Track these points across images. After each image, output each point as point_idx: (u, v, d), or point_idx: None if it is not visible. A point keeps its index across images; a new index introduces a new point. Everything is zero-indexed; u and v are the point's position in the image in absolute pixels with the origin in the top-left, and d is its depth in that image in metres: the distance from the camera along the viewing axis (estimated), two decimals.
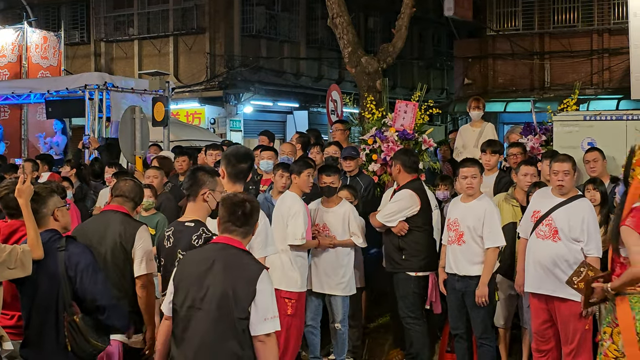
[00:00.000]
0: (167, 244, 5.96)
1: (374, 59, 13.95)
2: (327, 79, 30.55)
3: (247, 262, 5.20)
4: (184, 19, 29.27)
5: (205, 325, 5.08)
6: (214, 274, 5.12)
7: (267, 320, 5.06)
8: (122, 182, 6.76)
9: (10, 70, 21.11)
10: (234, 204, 5.24)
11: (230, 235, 5.23)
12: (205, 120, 28.88)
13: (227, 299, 5.05)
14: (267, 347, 5.08)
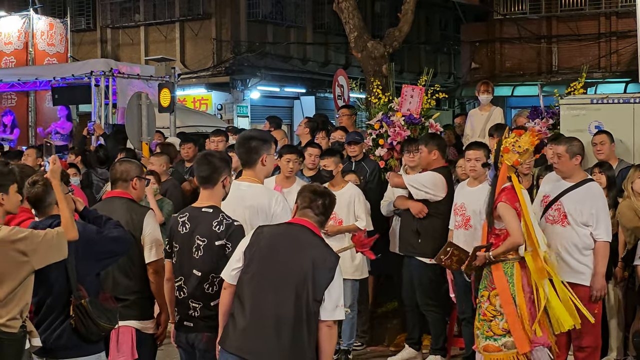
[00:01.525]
0: (183, 229, 5.91)
1: (380, 43, 13.88)
2: (334, 64, 30.47)
3: (327, 248, 5.42)
4: (190, 5, 29.23)
5: (278, 300, 5.24)
6: (294, 252, 5.33)
7: (338, 307, 5.27)
8: (118, 165, 6.67)
9: (17, 57, 21.08)
10: (316, 193, 5.49)
11: (310, 220, 5.44)
12: (212, 106, 28.87)
13: (305, 279, 5.23)
14: (332, 334, 5.30)
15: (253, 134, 6.58)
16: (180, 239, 5.92)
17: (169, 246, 6.02)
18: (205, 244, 5.79)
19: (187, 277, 5.86)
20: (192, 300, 5.85)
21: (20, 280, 5.41)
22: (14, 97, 20.90)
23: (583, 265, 7.52)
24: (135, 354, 6.37)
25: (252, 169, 6.41)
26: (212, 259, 5.77)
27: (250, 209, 6.22)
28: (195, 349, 5.91)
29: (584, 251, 7.49)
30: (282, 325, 5.24)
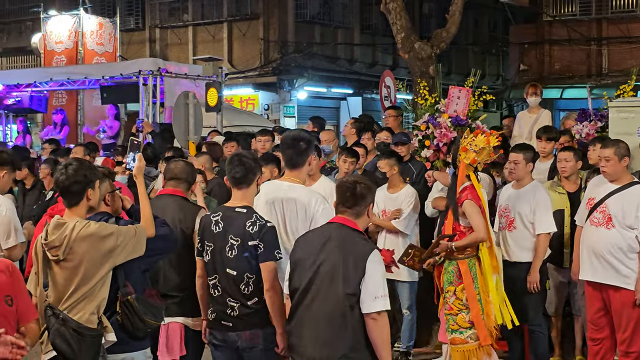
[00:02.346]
0: (216, 229, 5.96)
1: (427, 44, 13.82)
2: (381, 65, 30.42)
3: (358, 240, 5.46)
4: (238, 5, 29.35)
5: (317, 301, 5.39)
6: (327, 251, 5.42)
7: (378, 298, 5.27)
8: (172, 164, 6.81)
9: (67, 56, 21.30)
10: (344, 187, 5.58)
11: (343, 216, 5.53)
12: (259, 106, 28.96)
13: (336, 275, 5.33)
14: (379, 325, 5.29)
15: (302, 135, 6.57)
16: (214, 238, 5.99)
17: (200, 244, 6.09)
18: (239, 243, 5.86)
19: (222, 275, 5.93)
20: (230, 299, 5.91)
21: (102, 275, 5.49)
22: (64, 96, 21.13)
23: (628, 269, 7.44)
24: (184, 350, 6.44)
25: (298, 169, 6.45)
26: (245, 259, 5.84)
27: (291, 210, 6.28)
28: (236, 348, 5.94)
29: (629, 254, 7.42)
30: (323, 323, 5.36)
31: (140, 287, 5.78)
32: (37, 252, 5.57)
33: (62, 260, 5.42)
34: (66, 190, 5.52)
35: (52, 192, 10.90)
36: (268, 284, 5.80)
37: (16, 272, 5.11)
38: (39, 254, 5.54)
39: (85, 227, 5.44)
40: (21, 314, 4.99)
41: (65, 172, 5.49)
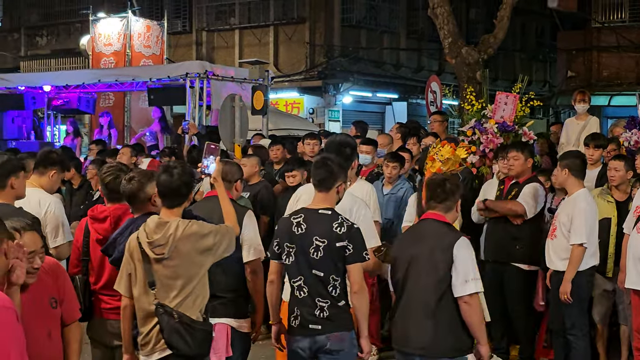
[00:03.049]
0: (298, 230, 5.91)
1: (474, 49, 13.80)
2: (427, 70, 30.36)
3: (445, 231, 5.91)
4: (284, 9, 29.41)
5: (414, 293, 5.84)
6: (420, 245, 5.89)
7: (469, 281, 5.68)
8: (222, 166, 6.80)
9: (116, 58, 21.48)
10: (435, 184, 6.02)
11: (434, 211, 5.97)
12: (304, 110, 28.99)
13: (427, 265, 5.78)
14: (472, 308, 5.70)
15: (348, 141, 6.59)
16: (296, 240, 5.92)
17: (278, 247, 6.03)
18: (325, 244, 5.80)
19: (307, 277, 5.86)
20: (319, 299, 5.83)
21: (203, 273, 5.64)
22: (112, 97, 21.31)
23: None
24: (230, 351, 6.45)
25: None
26: (332, 260, 5.81)
27: None
28: (321, 352, 5.87)
29: None
30: (426, 312, 5.75)
31: None
32: (132, 252, 5.63)
33: (166, 259, 5.53)
34: (173, 192, 5.65)
35: (99, 192, 11.00)
36: (357, 286, 5.79)
37: (63, 273, 5.17)
38: (134, 254, 5.62)
39: (188, 226, 5.59)
40: (65, 316, 5.05)
41: (173, 175, 5.62)
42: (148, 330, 5.57)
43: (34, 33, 36.71)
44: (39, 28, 36.58)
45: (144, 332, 5.61)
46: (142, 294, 5.60)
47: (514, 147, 9.23)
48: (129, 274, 5.66)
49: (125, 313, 5.71)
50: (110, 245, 5.91)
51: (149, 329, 5.56)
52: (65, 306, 5.05)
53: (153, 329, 5.55)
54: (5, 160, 6.38)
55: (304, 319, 5.88)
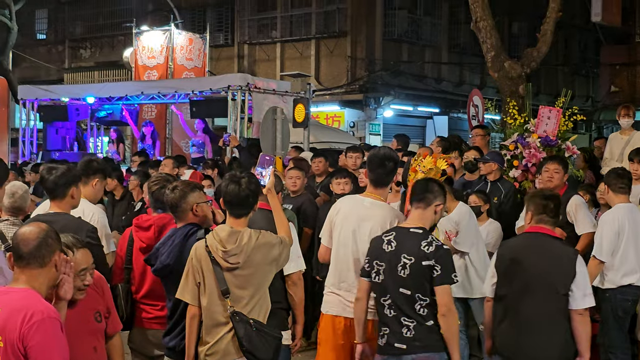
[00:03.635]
0: (388, 248, 5.88)
1: (517, 63, 13.72)
2: (469, 84, 30.23)
3: (561, 246, 6.28)
4: (326, 22, 29.47)
5: (533, 303, 6.05)
6: (535, 259, 6.09)
7: (587, 295, 6.02)
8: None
9: (158, 71, 21.64)
10: (545, 198, 6.25)
11: (544, 225, 6.19)
12: (345, 123, 28.99)
13: (549, 279, 6.03)
14: (584, 320, 6.03)
15: (391, 155, 6.58)
16: (386, 257, 5.90)
17: (369, 264, 6.00)
18: (412, 262, 5.75)
19: (395, 295, 5.81)
20: (405, 319, 5.78)
21: (269, 283, 5.75)
22: (154, 109, 21.46)
23: None
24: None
25: (383, 188, 6.50)
26: (418, 279, 5.74)
27: (372, 227, 6.27)
28: None
29: None
30: (541, 324, 6.04)
31: None
32: (200, 261, 5.64)
33: (238, 268, 5.59)
34: (241, 201, 5.72)
35: (140, 204, 11.05)
36: (444, 308, 5.70)
37: (107, 287, 5.22)
38: (203, 263, 5.63)
39: (261, 236, 5.70)
40: (108, 329, 5.09)
41: (241, 184, 5.69)
42: (216, 339, 5.59)
43: (78, 45, 37.13)
44: (83, 41, 37.00)
45: (210, 341, 5.61)
46: (214, 303, 5.61)
47: (556, 159, 9.16)
48: (197, 282, 5.65)
49: (193, 322, 5.67)
50: (153, 255, 5.94)
51: (217, 339, 5.59)
52: (109, 319, 5.09)
53: (222, 338, 5.58)
54: (67, 169, 6.42)
55: (390, 337, 5.83)
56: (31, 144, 20.98)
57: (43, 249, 4.24)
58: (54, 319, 4.11)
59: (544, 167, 9.03)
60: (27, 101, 20.86)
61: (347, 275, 6.34)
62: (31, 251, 4.24)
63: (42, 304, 4.15)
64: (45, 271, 4.26)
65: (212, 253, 5.59)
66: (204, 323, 5.65)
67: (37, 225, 4.37)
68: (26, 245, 4.24)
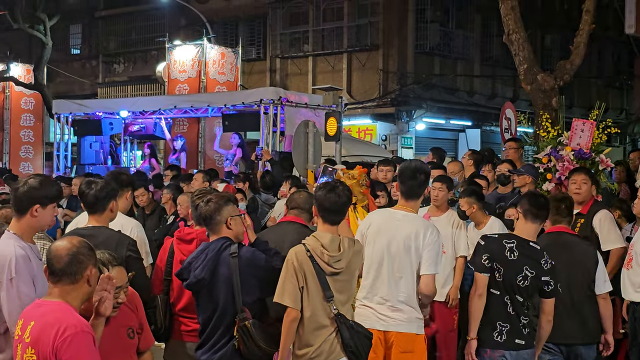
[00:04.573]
0: (511, 256, 6.45)
1: (550, 76, 13.64)
2: (501, 97, 30.14)
3: (582, 241, 7.31)
4: (358, 36, 29.52)
5: (570, 293, 6.95)
6: (568, 253, 6.99)
7: (606, 281, 7.08)
8: (296, 195, 6.95)
9: (190, 85, 21.73)
10: (558, 200, 7.17)
11: (561, 224, 7.14)
12: (377, 136, 28.98)
13: (579, 270, 6.99)
14: (607, 303, 7.07)
15: (423, 167, 6.59)
16: (507, 264, 6.44)
17: (488, 261, 6.47)
18: (533, 276, 6.41)
19: (513, 297, 6.43)
20: (522, 318, 6.46)
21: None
22: (186, 123, 21.55)
23: None
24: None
25: (415, 200, 6.54)
26: (533, 290, 6.48)
27: (406, 238, 6.31)
28: None
29: None
30: (581, 308, 7.00)
31: (259, 314, 5.84)
32: (301, 266, 5.78)
33: (339, 273, 5.81)
34: (339, 208, 6.01)
35: (173, 217, 11.10)
36: (550, 316, 6.56)
37: (139, 303, 5.24)
38: (305, 268, 5.78)
39: (356, 243, 6.04)
40: (141, 344, 5.11)
41: (339, 193, 5.97)
42: (320, 342, 5.77)
43: (112, 60, 37.44)
44: (117, 55, 37.30)
45: (314, 344, 5.77)
46: (318, 306, 5.78)
47: (582, 170, 9.10)
48: (301, 287, 5.77)
49: (293, 325, 5.78)
50: (185, 269, 5.93)
51: (321, 342, 5.77)
52: (142, 335, 5.11)
53: (327, 340, 5.76)
54: (105, 183, 6.47)
55: (511, 334, 6.44)
56: (65, 158, 21.11)
57: (74, 265, 4.28)
58: (87, 333, 4.14)
59: (571, 179, 8.96)
60: (62, 115, 21.00)
61: (380, 288, 6.35)
62: (63, 268, 4.28)
63: (75, 317, 4.17)
64: (78, 287, 4.29)
65: (315, 258, 5.77)
66: (306, 326, 5.78)
67: (70, 240, 4.40)
68: (58, 261, 4.29)
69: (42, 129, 27.13)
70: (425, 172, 6.55)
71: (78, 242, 4.36)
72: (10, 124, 26.58)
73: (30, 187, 5.29)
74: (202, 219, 6.04)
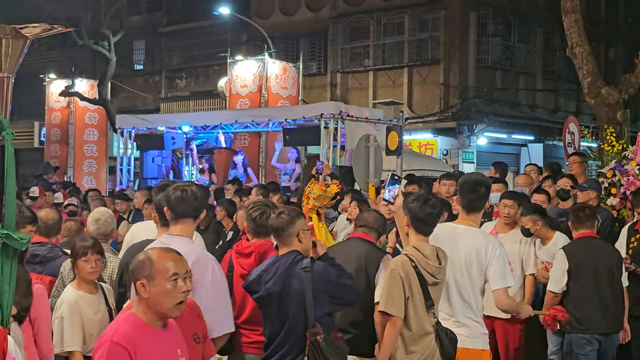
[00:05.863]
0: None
1: (614, 89, 13.47)
2: (564, 111, 29.81)
3: (606, 242, 8.43)
4: (418, 50, 29.46)
5: (604, 287, 7.99)
6: (600, 254, 8.05)
7: (625, 276, 8.19)
8: (367, 214, 7.04)
9: (251, 99, 21.82)
10: (579, 210, 8.31)
11: (586, 230, 8.15)
12: (438, 151, 28.86)
13: (612, 268, 8.03)
14: (626, 295, 8.14)
15: (484, 180, 6.54)
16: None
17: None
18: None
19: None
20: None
21: None
22: (247, 138, 21.66)
23: None
24: None
25: (476, 214, 6.49)
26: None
27: (467, 254, 6.28)
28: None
29: None
30: (614, 300, 8.00)
31: (326, 328, 5.82)
32: (407, 276, 5.92)
33: (438, 283, 6.03)
34: (433, 220, 6.21)
35: (232, 232, 11.13)
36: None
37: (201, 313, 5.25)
38: (411, 278, 5.92)
39: (446, 254, 6.14)
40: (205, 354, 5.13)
41: (434, 205, 6.18)
42: (422, 348, 5.95)
43: (174, 76, 37.83)
44: (179, 71, 37.69)
45: (416, 350, 5.96)
46: (422, 315, 5.95)
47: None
48: (407, 297, 5.92)
49: (396, 334, 5.97)
50: (255, 282, 5.90)
51: (425, 347, 5.95)
52: (205, 344, 5.13)
53: (429, 346, 5.95)
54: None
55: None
56: (128, 172, 21.38)
57: None
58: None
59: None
60: (125, 130, 21.27)
61: (444, 303, 6.30)
62: None
63: None
64: None
65: (419, 268, 5.91)
66: (411, 334, 5.95)
67: None
68: None
69: (105, 144, 27.51)
70: (486, 184, 6.49)
71: None
72: (75, 138, 27.01)
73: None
74: (274, 230, 6.01)
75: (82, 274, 6.48)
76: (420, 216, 6.08)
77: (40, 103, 29.25)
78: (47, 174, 21.27)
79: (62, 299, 6.42)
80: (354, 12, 30.92)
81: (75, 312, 6.27)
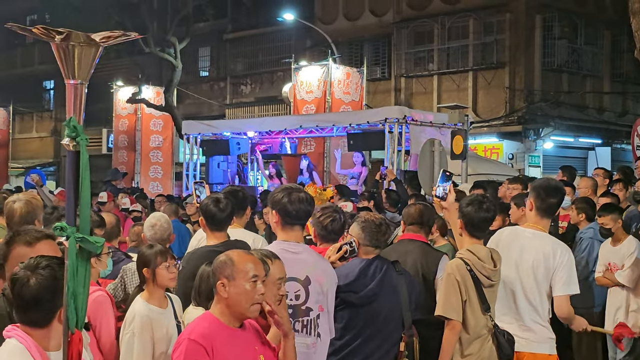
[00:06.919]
0: None
1: None
2: (632, 114, 29.37)
3: None
4: (483, 54, 29.26)
5: None
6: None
7: None
8: (411, 209, 6.89)
9: (316, 105, 21.86)
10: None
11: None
12: (503, 155, 28.62)
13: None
14: None
15: (562, 187, 6.51)
16: None
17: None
18: None
19: None
20: None
21: None
22: (313, 143, 21.71)
23: None
24: None
25: (547, 219, 6.42)
26: None
27: (535, 258, 6.22)
28: None
29: None
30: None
31: None
32: (463, 280, 5.92)
33: (493, 286, 6.02)
34: (488, 224, 6.24)
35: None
36: None
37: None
38: (467, 282, 5.92)
39: (500, 256, 6.13)
40: None
41: (488, 210, 6.16)
42: (480, 350, 5.94)
43: (239, 82, 38.11)
44: (244, 77, 37.96)
45: (473, 352, 5.96)
46: (479, 318, 5.95)
47: None
48: (464, 300, 5.92)
49: (456, 338, 5.96)
50: (357, 282, 5.82)
51: (481, 349, 5.94)
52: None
53: (484, 348, 5.93)
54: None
55: None
56: (194, 177, 21.56)
57: None
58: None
59: None
60: (191, 136, 21.46)
61: (509, 306, 6.26)
62: None
63: None
64: None
65: (475, 271, 5.90)
66: (469, 337, 5.94)
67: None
68: None
69: (171, 150, 27.80)
70: (563, 192, 6.48)
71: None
72: (141, 144, 27.36)
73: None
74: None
75: (162, 281, 6.00)
76: (476, 221, 6.09)
77: (108, 110, 29.69)
78: (115, 180, 21.56)
79: (133, 312, 5.89)
80: (417, 17, 30.82)
81: (146, 328, 5.80)
